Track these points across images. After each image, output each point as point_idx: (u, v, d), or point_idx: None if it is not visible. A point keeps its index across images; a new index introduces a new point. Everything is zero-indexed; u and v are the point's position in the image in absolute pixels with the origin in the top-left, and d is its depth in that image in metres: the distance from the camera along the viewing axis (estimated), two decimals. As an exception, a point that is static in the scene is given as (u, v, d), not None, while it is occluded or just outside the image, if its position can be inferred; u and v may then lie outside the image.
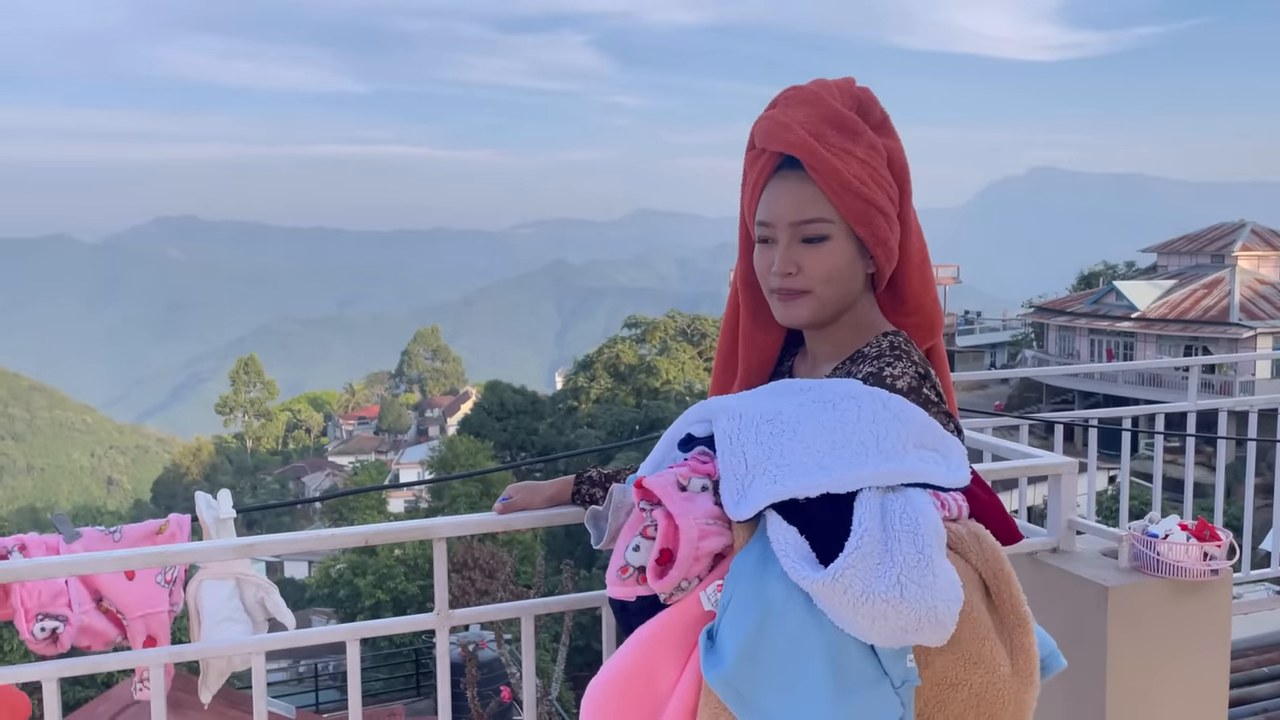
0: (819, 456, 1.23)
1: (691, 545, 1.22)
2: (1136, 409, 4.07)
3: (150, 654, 1.90)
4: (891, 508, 1.18)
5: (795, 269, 1.51)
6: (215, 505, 2.16)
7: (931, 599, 1.11)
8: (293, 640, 1.99)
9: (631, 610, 1.30)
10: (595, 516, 1.42)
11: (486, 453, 32.15)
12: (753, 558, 1.21)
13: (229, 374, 75.28)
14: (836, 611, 1.12)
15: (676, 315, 44.38)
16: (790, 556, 1.15)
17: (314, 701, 18.30)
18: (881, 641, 1.14)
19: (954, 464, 1.29)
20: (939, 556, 1.14)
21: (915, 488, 1.22)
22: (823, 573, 1.12)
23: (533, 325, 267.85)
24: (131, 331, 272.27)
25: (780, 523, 1.18)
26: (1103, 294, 38.95)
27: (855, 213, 1.49)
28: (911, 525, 1.15)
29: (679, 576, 1.22)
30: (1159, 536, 2.11)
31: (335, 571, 26.74)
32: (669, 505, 1.24)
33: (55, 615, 1.97)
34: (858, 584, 1.10)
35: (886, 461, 1.23)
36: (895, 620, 1.11)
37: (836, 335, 1.58)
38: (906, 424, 1.29)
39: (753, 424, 1.29)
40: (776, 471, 1.22)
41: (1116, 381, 33.98)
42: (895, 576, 1.11)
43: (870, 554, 1.12)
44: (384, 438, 66.26)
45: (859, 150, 1.51)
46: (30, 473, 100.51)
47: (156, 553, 1.90)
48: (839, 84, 1.57)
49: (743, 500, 1.22)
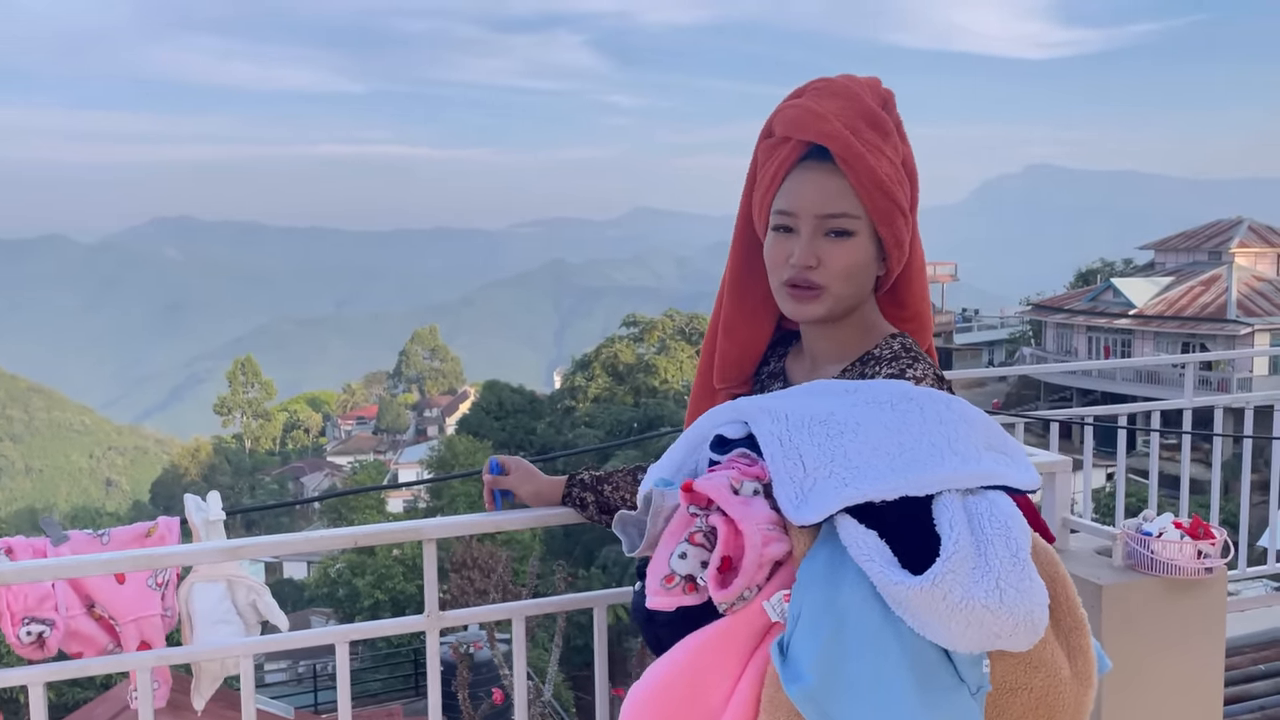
0: (889, 459, 1.19)
1: (756, 552, 1.16)
2: (1133, 406, 4.07)
3: (137, 657, 1.89)
4: (977, 511, 1.14)
5: (816, 262, 1.48)
6: (205, 507, 2.14)
7: (1029, 603, 1.08)
8: (282, 643, 1.98)
9: (660, 620, 1.25)
10: (624, 521, 1.33)
11: (485, 452, 32.10)
12: (820, 564, 1.16)
13: (226, 374, 75.26)
14: (928, 618, 1.09)
15: (675, 314, 44.35)
16: (876, 562, 1.11)
17: (313, 702, 18.28)
18: (971, 648, 1.11)
19: (1023, 466, 1.26)
20: (1030, 560, 1.11)
21: (995, 490, 1.18)
22: (919, 578, 1.08)
23: (531, 324, 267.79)
24: (129, 332, 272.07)
25: (857, 527, 1.14)
26: (1100, 291, 38.96)
27: (881, 211, 1.48)
28: (1003, 528, 1.12)
29: (743, 585, 1.17)
30: (1153, 535, 2.10)
31: (334, 572, 26.73)
32: (729, 510, 1.18)
33: (42, 619, 1.96)
34: (957, 589, 1.07)
35: (963, 463, 1.19)
36: (992, 625, 1.08)
37: (841, 335, 1.56)
38: (974, 425, 1.26)
39: (803, 425, 1.24)
40: (845, 474, 1.18)
41: (1114, 379, 33.97)
42: (994, 581, 1.07)
43: (965, 559, 1.09)
44: (382, 437, 66.24)
45: (888, 149, 1.50)
46: (29, 474, 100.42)
47: (143, 555, 1.89)
48: (868, 82, 1.55)
49: (804, 504, 1.18)
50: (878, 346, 1.54)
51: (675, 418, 31.64)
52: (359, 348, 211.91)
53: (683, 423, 1.61)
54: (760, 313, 1.65)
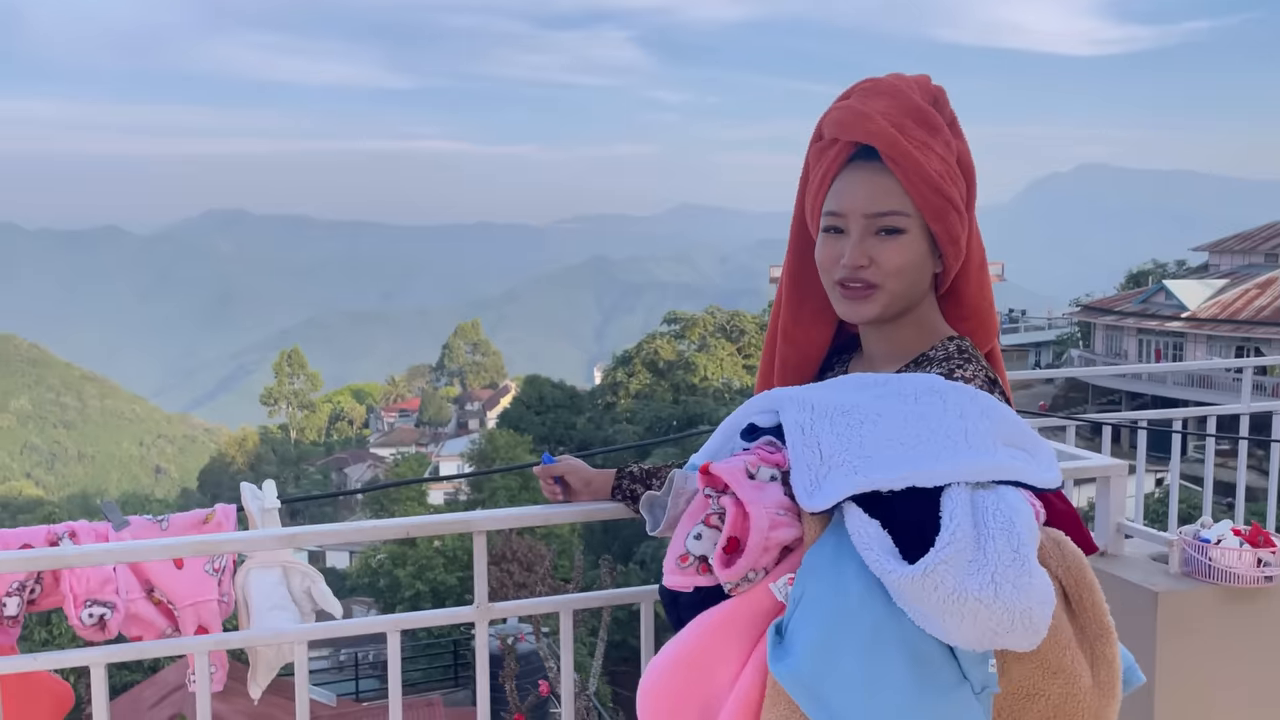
0: (903, 449, 1.18)
1: (762, 535, 1.17)
2: (1187, 410, 3.98)
3: (195, 641, 1.93)
4: (983, 504, 1.12)
5: (867, 261, 1.47)
6: (260, 495, 2.18)
7: (1026, 600, 1.06)
8: (336, 630, 2.01)
9: (683, 602, 1.26)
10: (650, 502, 1.36)
11: (526, 446, 32.30)
12: (827, 551, 1.16)
13: (274, 366, 76.40)
14: (923, 610, 1.08)
15: (716, 311, 44.21)
16: (874, 550, 1.11)
17: (354, 690, 18.53)
18: (967, 644, 1.09)
19: (1044, 464, 1.23)
20: (1034, 557, 1.09)
21: (1007, 485, 1.17)
22: (912, 568, 1.07)
23: (572, 320, 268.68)
24: (181, 323, 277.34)
25: (861, 515, 1.14)
26: (1152, 293, 38.20)
27: (932, 208, 1.46)
28: (1005, 523, 1.10)
29: (747, 566, 1.17)
30: (1211, 541, 2.06)
31: (375, 562, 27.04)
32: (738, 492, 1.20)
33: (103, 602, 2.00)
34: (949, 581, 1.05)
35: (976, 456, 1.17)
36: (986, 621, 1.06)
37: (899, 336, 1.55)
38: (995, 420, 1.24)
39: (826, 414, 1.24)
40: (857, 463, 1.18)
41: (1165, 383, 33.32)
42: (989, 575, 1.06)
43: (963, 550, 1.07)
44: (425, 430, 66.85)
45: (937, 145, 1.48)
46: (81, 460, 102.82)
47: (203, 541, 1.93)
48: (917, 79, 1.54)
49: (817, 491, 1.18)
50: (933, 348, 1.52)
51: (714, 415, 31.56)
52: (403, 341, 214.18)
53: (721, 420, 1.61)
54: (819, 316, 1.64)
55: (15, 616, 1.98)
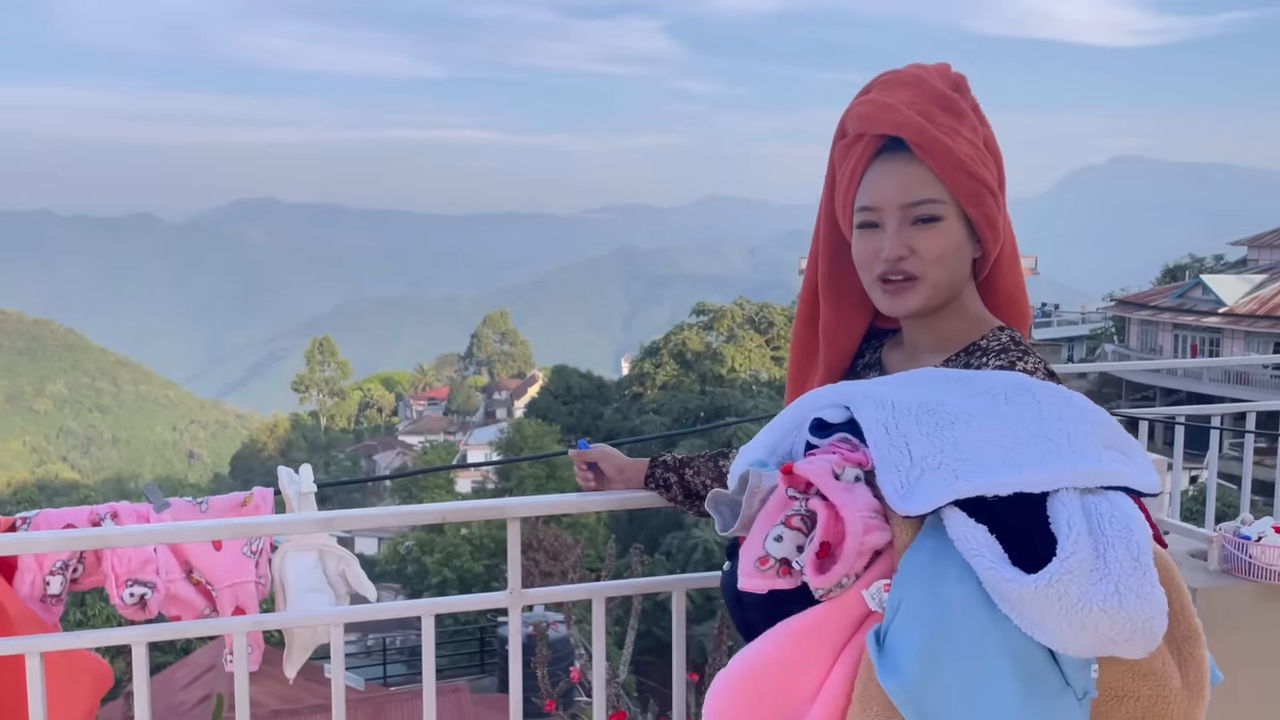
0: (1003, 452, 1.15)
1: (857, 540, 1.14)
2: (1225, 407, 3.93)
3: (234, 622, 1.96)
4: (1096, 511, 1.10)
5: (907, 252, 1.46)
6: (297, 479, 2.21)
7: (1150, 610, 1.04)
8: (371, 613, 2.03)
9: (749, 603, 1.23)
10: (717, 500, 1.31)
11: (553, 436, 32.41)
12: (924, 557, 1.13)
13: (305, 353, 77.13)
14: (1040, 619, 1.05)
15: (744, 303, 44.07)
16: (987, 557, 1.07)
17: (382, 675, 18.73)
18: (1083, 652, 1.07)
19: (1143, 467, 1.20)
20: (1153, 566, 1.07)
21: (1115, 490, 1.14)
22: (1035, 578, 1.04)
23: (600, 310, 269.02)
24: (213, 310, 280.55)
25: (967, 520, 1.10)
26: (1189, 288, 37.63)
27: (967, 192, 1.45)
28: (1124, 531, 1.07)
29: (842, 572, 1.14)
30: (1251, 539, 2.04)
31: (404, 549, 27.29)
32: (830, 495, 1.16)
33: (144, 582, 2.04)
34: (1074, 591, 1.03)
35: (1082, 461, 1.14)
36: (1108, 631, 1.04)
37: (943, 325, 1.53)
38: (1094, 422, 1.21)
39: (910, 413, 1.21)
40: (955, 466, 1.14)
41: (1201, 379, 32.82)
42: (1113, 585, 1.04)
43: (1084, 560, 1.05)
44: (453, 419, 67.26)
45: (965, 130, 1.47)
46: (116, 445, 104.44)
47: (242, 524, 1.95)
48: (936, 68, 1.53)
49: (910, 494, 1.14)
50: (984, 338, 1.50)
51: (741, 406, 31.49)
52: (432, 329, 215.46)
53: (748, 412, 1.58)
54: (857, 313, 1.63)
55: (58, 595, 2.02)
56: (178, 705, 12.43)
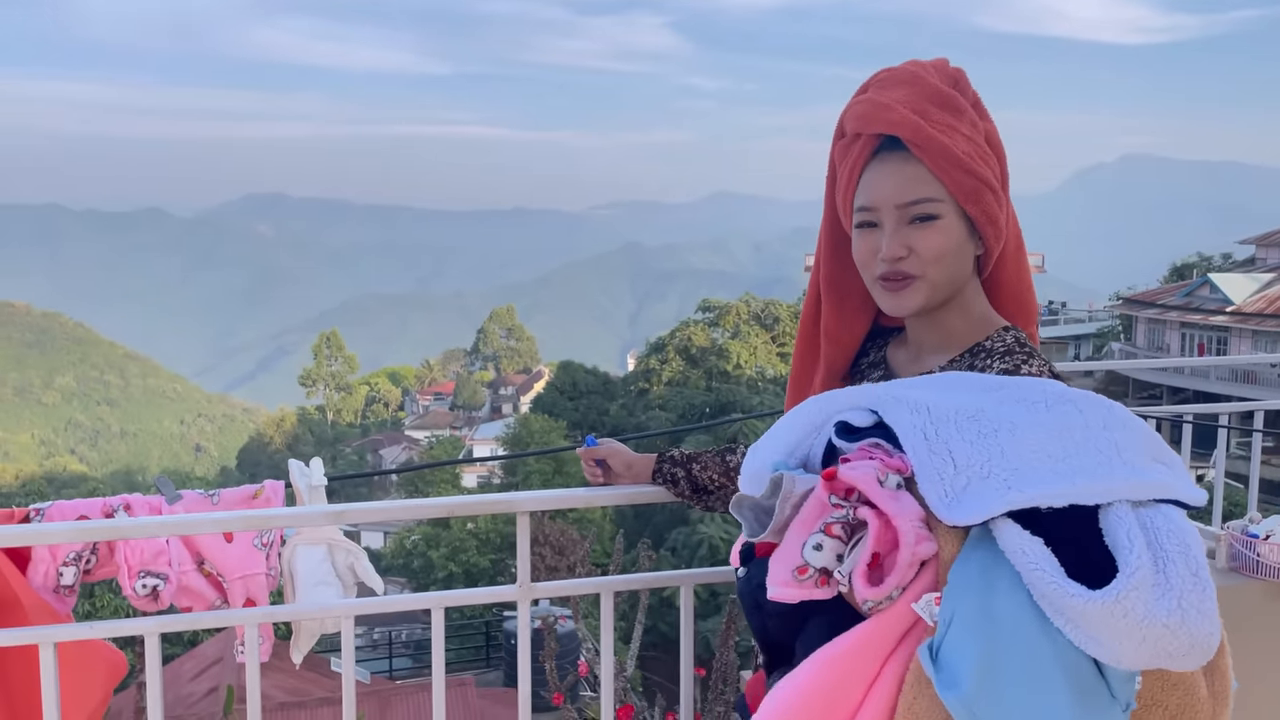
0: (1053, 462, 1.13)
1: (910, 550, 1.11)
2: (1232, 406, 3.92)
3: (245, 613, 1.97)
4: (1153, 525, 1.09)
5: (905, 251, 1.45)
6: (308, 473, 2.22)
7: (1210, 625, 1.04)
8: (381, 606, 2.04)
9: (770, 610, 1.20)
10: (741, 504, 1.25)
11: (560, 431, 32.45)
12: (974, 569, 1.10)
13: (312, 348, 77.33)
14: (1099, 634, 1.04)
15: (750, 299, 44.02)
16: (1047, 572, 1.05)
17: (388, 668, 18.78)
18: (1138, 665, 1.06)
19: (1188, 479, 1.19)
20: (1211, 581, 1.07)
21: (1168, 504, 1.12)
22: (1100, 593, 1.03)
23: (606, 306, 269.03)
24: (221, 304, 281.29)
25: (1022, 534, 1.08)
26: (1196, 286, 37.51)
27: (965, 189, 1.44)
28: (1181, 545, 1.07)
29: (894, 584, 1.11)
30: (1260, 537, 2.04)
31: (410, 543, 27.35)
32: (881, 504, 1.13)
33: (156, 573, 2.05)
34: (1140, 608, 1.02)
35: (1134, 473, 1.13)
36: (1169, 646, 1.03)
37: (946, 324, 1.52)
38: (1139, 433, 1.19)
39: (949, 419, 1.18)
40: (1006, 476, 1.12)
41: (1208, 378, 32.70)
42: (1176, 601, 1.03)
43: (1147, 575, 1.04)
44: (459, 414, 67.37)
45: (963, 127, 1.46)
46: (124, 438, 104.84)
47: (253, 516, 1.97)
48: (934, 64, 1.52)
49: (956, 504, 1.11)
50: (989, 339, 1.49)
51: (747, 403, 31.45)
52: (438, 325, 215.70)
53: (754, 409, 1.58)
54: (860, 313, 1.63)
55: (71, 586, 2.04)
56: (186, 697, 12.49)
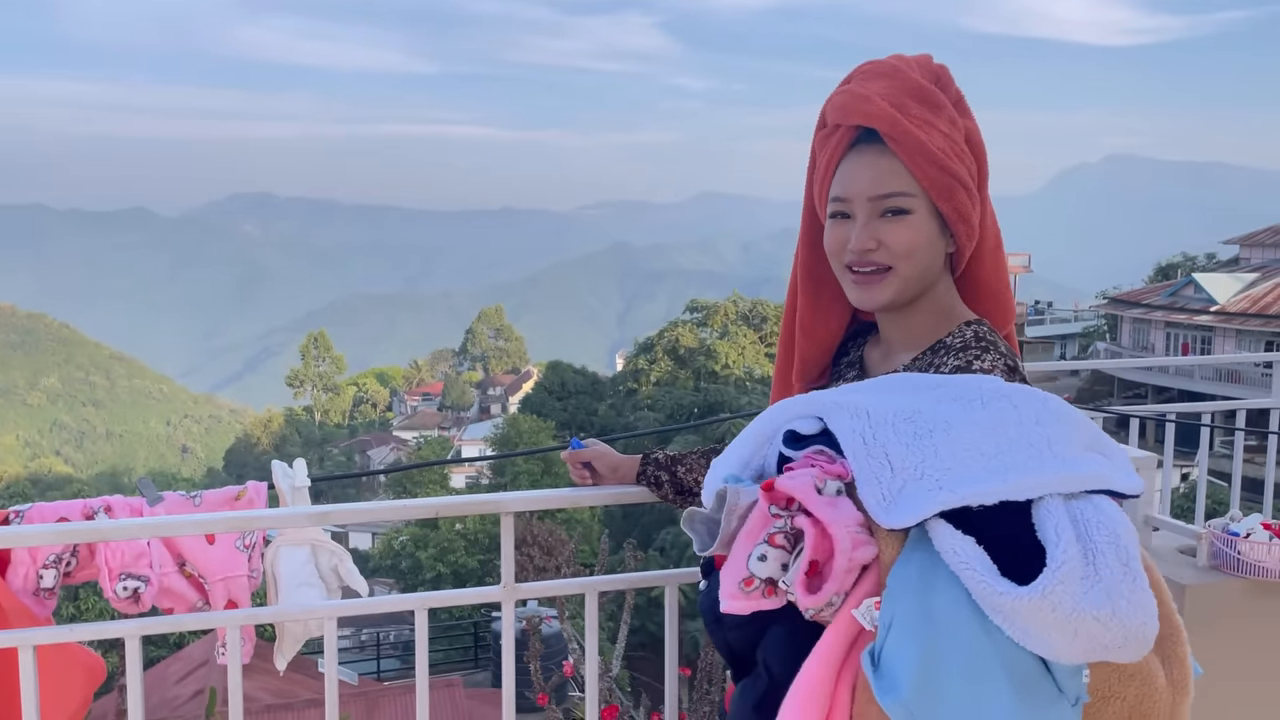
0: (985, 460, 1.12)
1: (846, 557, 1.11)
2: (1216, 405, 3.95)
3: (227, 615, 1.96)
4: (1083, 517, 1.08)
5: (875, 244, 1.46)
6: (291, 474, 2.21)
7: (1143, 615, 1.04)
8: (365, 607, 2.04)
9: (729, 623, 1.21)
10: (693, 519, 1.25)
11: (548, 432, 32.43)
12: (912, 571, 1.10)
13: (299, 348, 77.00)
14: (1032, 629, 1.04)
15: (738, 299, 44.10)
16: (977, 571, 1.05)
17: (375, 670, 18.72)
18: (1076, 659, 1.06)
19: (1124, 468, 1.19)
20: (1142, 570, 1.07)
21: (1100, 494, 1.12)
22: (1028, 590, 1.02)
23: (594, 306, 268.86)
24: (207, 304, 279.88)
25: (955, 533, 1.08)
26: (1180, 286, 37.74)
27: (938, 185, 1.44)
28: (1111, 536, 1.06)
29: (832, 591, 1.11)
30: (1240, 535, 2.05)
31: (398, 544, 27.27)
32: (816, 512, 1.13)
33: (137, 575, 2.04)
34: (1067, 601, 1.01)
35: (1065, 466, 1.13)
36: (1102, 638, 1.03)
37: (915, 321, 1.53)
38: (1072, 425, 1.19)
39: (887, 422, 1.18)
40: (938, 476, 1.12)
41: (1193, 377, 32.93)
42: (1105, 593, 1.03)
43: (1075, 569, 1.03)
44: (447, 414, 67.19)
45: (941, 123, 1.46)
46: (109, 439, 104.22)
47: (235, 517, 1.96)
48: (917, 59, 1.53)
49: (893, 507, 1.12)
50: (950, 335, 1.49)
51: (735, 403, 31.51)
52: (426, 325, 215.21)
53: (742, 408, 1.58)
54: (834, 307, 1.63)
55: (51, 589, 2.02)
56: (171, 700, 12.41)
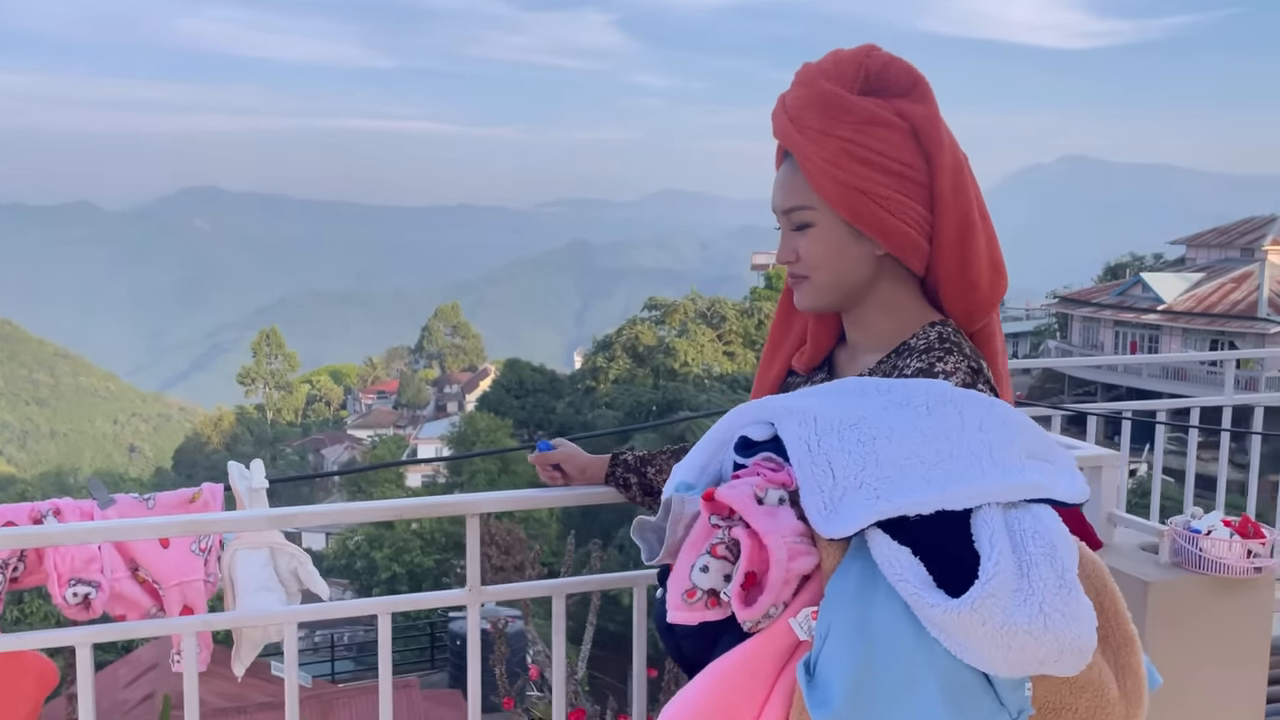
0: (925, 468, 1.11)
1: (782, 568, 1.09)
2: (1168, 402, 4.02)
3: (183, 622, 1.91)
4: (1019, 527, 1.07)
5: (794, 257, 1.50)
6: (248, 475, 2.16)
7: (1076, 628, 1.02)
8: (325, 612, 1.99)
9: (680, 632, 1.19)
10: (642, 527, 1.24)
11: (506, 430, 32.26)
12: (851, 581, 1.09)
13: (251, 345, 75.83)
14: (966, 642, 1.02)
15: (696, 297, 44.19)
16: (910, 582, 1.04)
17: (330, 671, 18.50)
18: (1011, 673, 1.05)
19: (1068, 475, 1.18)
20: (1078, 582, 1.05)
21: (1039, 503, 1.10)
22: (957, 603, 1.00)
23: (552, 304, 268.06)
24: (155, 300, 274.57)
25: (890, 543, 1.07)
26: (1129, 285, 38.53)
27: (834, 197, 1.43)
28: (1047, 547, 1.05)
29: (769, 603, 1.10)
30: (1201, 532, 2.08)
31: (353, 544, 26.98)
32: (753, 522, 1.11)
33: (88, 581, 1.97)
34: (997, 614, 0.99)
35: (1005, 475, 1.11)
36: (1035, 652, 1.01)
37: (870, 322, 1.53)
38: (1016, 431, 1.18)
39: (833, 429, 1.16)
40: (877, 485, 1.10)
41: (1140, 374, 33.62)
42: (1037, 606, 1.01)
43: (1007, 580, 1.01)
44: (403, 412, 66.64)
45: (842, 130, 1.43)
46: (54, 438, 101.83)
47: (192, 521, 1.90)
48: (848, 55, 1.48)
49: (834, 516, 1.10)
50: (914, 336, 1.48)
51: (694, 401, 31.57)
52: (382, 322, 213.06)
53: (701, 406, 1.58)
54: None
55: (-3, 595, 1.95)
56: (120, 704, 12.16)
